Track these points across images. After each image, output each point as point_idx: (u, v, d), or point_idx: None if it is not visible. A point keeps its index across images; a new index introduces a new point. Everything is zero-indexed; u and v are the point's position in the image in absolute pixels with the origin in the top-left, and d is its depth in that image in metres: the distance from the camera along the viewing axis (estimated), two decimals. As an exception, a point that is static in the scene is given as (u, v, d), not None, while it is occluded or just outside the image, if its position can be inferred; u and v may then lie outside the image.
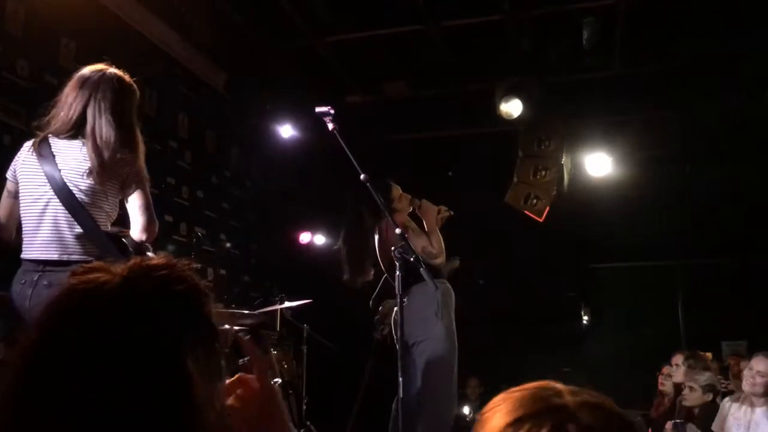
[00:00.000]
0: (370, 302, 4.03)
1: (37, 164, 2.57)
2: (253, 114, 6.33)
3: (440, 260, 3.81)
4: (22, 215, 2.59)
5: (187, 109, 5.68)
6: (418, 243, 3.73)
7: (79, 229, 2.52)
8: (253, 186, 6.76)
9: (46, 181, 2.53)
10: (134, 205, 2.63)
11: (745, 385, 3.86)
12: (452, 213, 4.14)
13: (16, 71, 3.92)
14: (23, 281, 2.49)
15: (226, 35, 5.62)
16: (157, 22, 5.14)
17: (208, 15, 5.40)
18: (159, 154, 5.26)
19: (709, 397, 4.19)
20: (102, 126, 2.57)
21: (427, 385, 3.70)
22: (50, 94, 4.07)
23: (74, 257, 2.49)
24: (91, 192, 2.55)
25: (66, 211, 2.52)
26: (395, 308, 4.10)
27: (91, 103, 2.60)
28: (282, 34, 5.76)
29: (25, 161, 2.62)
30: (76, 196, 2.52)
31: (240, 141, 6.57)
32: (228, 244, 6.17)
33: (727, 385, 4.71)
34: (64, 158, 2.56)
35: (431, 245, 3.82)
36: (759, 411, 3.79)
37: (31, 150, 2.61)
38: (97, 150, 2.54)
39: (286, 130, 6.35)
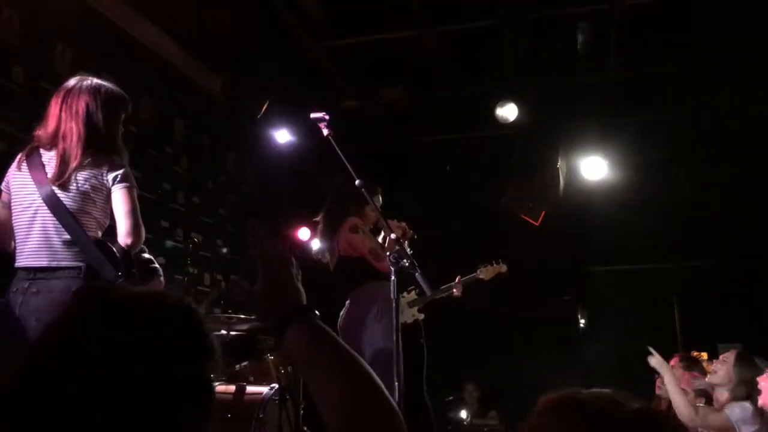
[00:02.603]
0: None
1: (27, 173, 2.62)
2: (248, 119, 6.34)
3: (382, 264, 3.85)
4: (14, 225, 2.63)
5: (182, 115, 5.68)
6: (368, 244, 3.93)
7: (67, 236, 2.53)
8: (250, 191, 6.76)
9: (35, 189, 2.57)
10: (119, 209, 2.61)
11: (714, 379, 3.77)
12: (415, 236, 4.19)
13: (11, 77, 3.92)
14: (15, 289, 2.53)
15: (221, 40, 5.62)
16: (152, 27, 5.14)
17: (204, 20, 5.40)
18: (155, 160, 5.26)
19: (702, 401, 4.18)
20: (67, 129, 2.61)
21: None
22: (46, 101, 4.07)
23: (63, 264, 2.52)
24: (80, 198, 2.57)
25: (54, 219, 2.54)
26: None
27: (63, 109, 2.65)
28: (278, 38, 5.77)
29: (15, 172, 2.68)
30: (64, 202, 2.54)
31: (236, 146, 6.57)
32: (224, 250, 6.16)
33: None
34: (51, 167, 2.60)
35: (379, 249, 3.99)
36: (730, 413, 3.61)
37: (21, 160, 2.66)
38: (60, 152, 2.59)
39: (282, 135, 6.35)
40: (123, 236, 2.59)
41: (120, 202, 2.61)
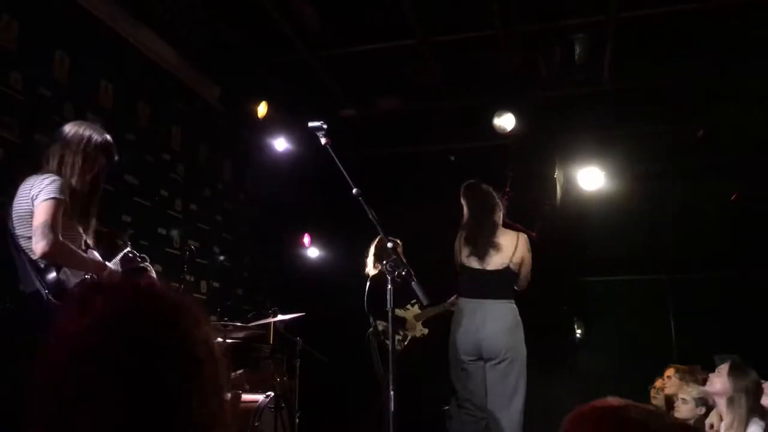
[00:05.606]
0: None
1: None
2: (246, 127, 6.35)
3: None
4: None
5: (180, 122, 5.68)
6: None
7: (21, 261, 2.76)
8: (246, 199, 6.77)
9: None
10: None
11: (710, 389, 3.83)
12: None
13: (9, 84, 3.92)
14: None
15: (219, 49, 5.64)
16: (151, 35, 5.15)
17: (202, 28, 5.42)
18: (152, 167, 5.27)
19: (702, 410, 4.17)
20: None
21: (512, 406, 3.95)
22: (44, 108, 4.08)
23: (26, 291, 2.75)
24: (18, 224, 2.78)
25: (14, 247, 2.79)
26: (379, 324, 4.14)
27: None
28: (276, 47, 5.79)
29: None
30: (10, 230, 2.79)
31: (233, 154, 6.58)
32: (221, 257, 6.16)
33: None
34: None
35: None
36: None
37: None
38: None
39: (280, 143, 6.36)
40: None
41: (35, 216, 2.75)
